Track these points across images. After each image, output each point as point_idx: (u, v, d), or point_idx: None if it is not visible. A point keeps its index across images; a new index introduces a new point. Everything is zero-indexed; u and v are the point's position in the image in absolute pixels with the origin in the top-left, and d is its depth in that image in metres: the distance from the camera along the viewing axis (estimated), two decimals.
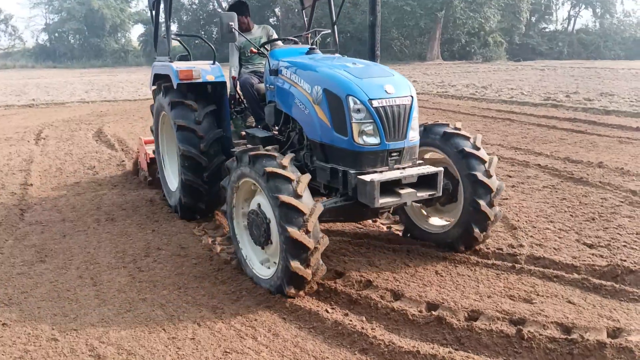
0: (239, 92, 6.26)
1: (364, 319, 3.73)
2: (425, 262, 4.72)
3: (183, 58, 6.53)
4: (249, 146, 3.90)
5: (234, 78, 6.39)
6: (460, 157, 4.58)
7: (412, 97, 4.27)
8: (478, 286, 4.22)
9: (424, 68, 36.01)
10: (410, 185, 4.15)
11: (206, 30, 54.78)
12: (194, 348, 3.42)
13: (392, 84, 4.23)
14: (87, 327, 3.70)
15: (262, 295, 4.10)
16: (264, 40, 6.38)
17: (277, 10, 49.68)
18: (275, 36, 6.62)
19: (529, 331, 3.44)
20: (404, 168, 4.25)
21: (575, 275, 4.32)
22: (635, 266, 4.37)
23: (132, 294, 4.22)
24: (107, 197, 7.00)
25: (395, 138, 4.18)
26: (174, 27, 55.87)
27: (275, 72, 4.94)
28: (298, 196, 3.76)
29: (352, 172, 4.10)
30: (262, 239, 4.12)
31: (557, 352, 3.28)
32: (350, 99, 4.06)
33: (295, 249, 3.75)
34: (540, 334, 3.41)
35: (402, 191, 4.08)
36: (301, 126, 4.67)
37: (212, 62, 5.86)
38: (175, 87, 5.68)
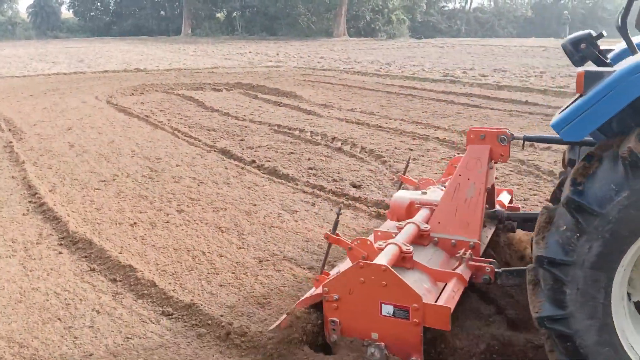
0: None
1: None
2: None
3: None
4: None
5: None
6: None
7: None
8: None
9: (330, 44, 36.23)
10: None
11: (102, 1, 51.71)
12: (92, 336, 3.29)
13: None
14: None
15: None
16: None
17: None
18: None
19: None
20: None
21: None
22: None
23: (23, 283, 3.97)
24: None
25: None
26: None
27: None
28: None
29: None
30: None
31: None
32: None
33: None
34: None
35: None
36: None
37: None
38: None
